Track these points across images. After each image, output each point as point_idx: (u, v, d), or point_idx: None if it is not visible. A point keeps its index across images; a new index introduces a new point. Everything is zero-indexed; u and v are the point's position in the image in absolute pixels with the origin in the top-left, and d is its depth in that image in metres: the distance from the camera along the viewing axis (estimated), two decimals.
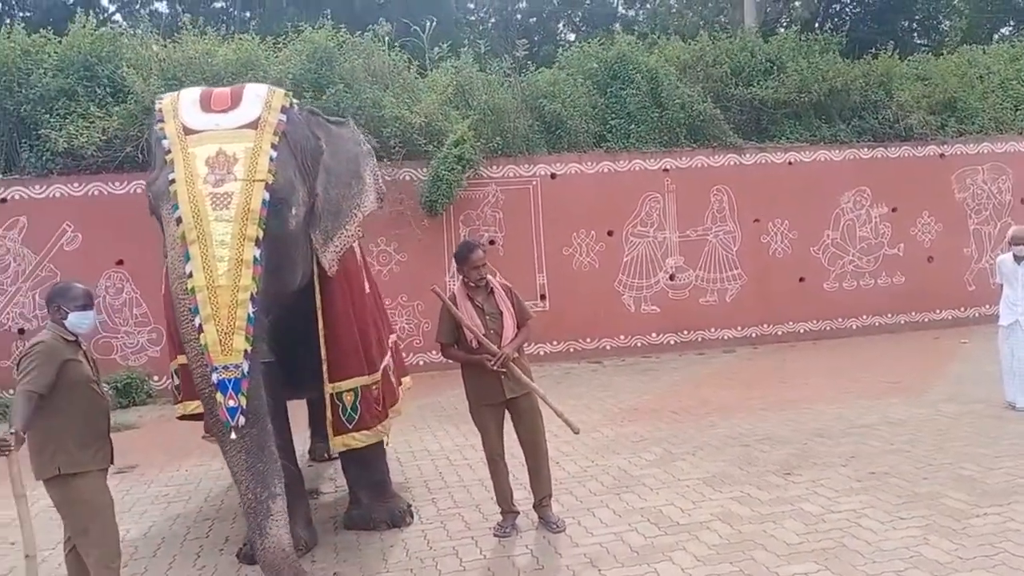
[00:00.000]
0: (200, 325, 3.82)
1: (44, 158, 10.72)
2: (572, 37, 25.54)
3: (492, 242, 11.57)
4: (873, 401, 8.16)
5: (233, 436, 3.83)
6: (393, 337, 6.32)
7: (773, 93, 12.91)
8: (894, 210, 13.14)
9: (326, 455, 6.97)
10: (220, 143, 4.19)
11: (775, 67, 13.33)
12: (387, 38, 12.40)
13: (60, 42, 11.41)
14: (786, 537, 4.67)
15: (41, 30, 11.63)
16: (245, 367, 3.84)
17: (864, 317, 12.97)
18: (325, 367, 4.95)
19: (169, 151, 4.20)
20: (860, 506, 5.11)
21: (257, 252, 4.00)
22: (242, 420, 3.82)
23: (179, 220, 3.97)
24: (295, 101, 4.77)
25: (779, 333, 12.62)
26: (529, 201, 11.99)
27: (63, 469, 3.78)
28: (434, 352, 11.49)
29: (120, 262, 10.64)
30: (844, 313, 12.90)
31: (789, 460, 6.22)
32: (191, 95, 4.52)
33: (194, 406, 5.39)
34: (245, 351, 3.85)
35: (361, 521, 5.29)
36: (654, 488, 5.75)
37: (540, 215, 11.99)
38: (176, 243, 4.01)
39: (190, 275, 3.88)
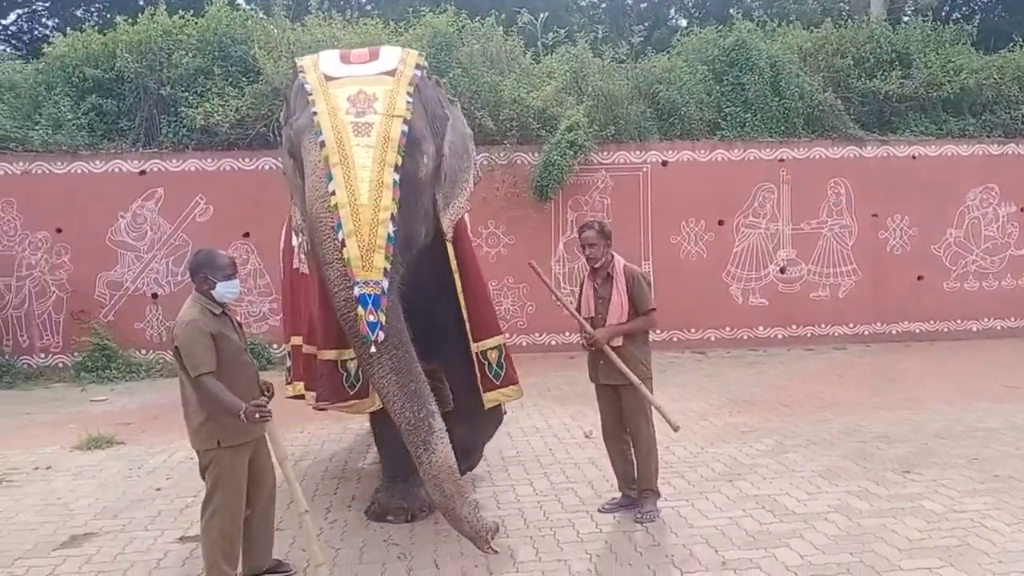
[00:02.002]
0: (343, 240, 3.95)
1: (181, 134, 11.38)
2: (684, 23, 25.14)
3: None
4: (995, 405, 7.88)
5: (373, 350, 3.92)
6: None
7: (899, 88, 12.43)
8: (1023, 210, 12.53)
9: None
10: (360, 85, 4.43)
11: (901, 59, 12.85)
12: (502, 24, 12.58)
13: (197, 23, 12.04)
14: (907, 533, 4.62)
15: (181, 12, 12.29)
16: (385, 284, 3.94)
17: (985, 320, 12.43)
18: (468, 327, 4.95)
19: (311, 94, 4.44)
20: (984, 507, 5.00)
21: (396, 176, 4.14)
22: (381, 336, 3.90)
23: (322, 144, 4.16)
24: (425, 65, 4.92)
25: (893, 332, 12.22)
26: (638, 188, 11.96)
27: (223, 442, 3.86)
28: (537, 334, 11.79)
29: (247, 234, 11.19)
30: (964, 315, 12.38)
31: (908, 458, 6.11)
32: (331, 53, 4.84)
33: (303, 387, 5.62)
34: (385, 269, 3.96)
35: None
36: (767, 477, 5.75)
37: (649, 202, 11.94)
38: (318, 166, 4.15)
39: (332, 193, 4.03)
